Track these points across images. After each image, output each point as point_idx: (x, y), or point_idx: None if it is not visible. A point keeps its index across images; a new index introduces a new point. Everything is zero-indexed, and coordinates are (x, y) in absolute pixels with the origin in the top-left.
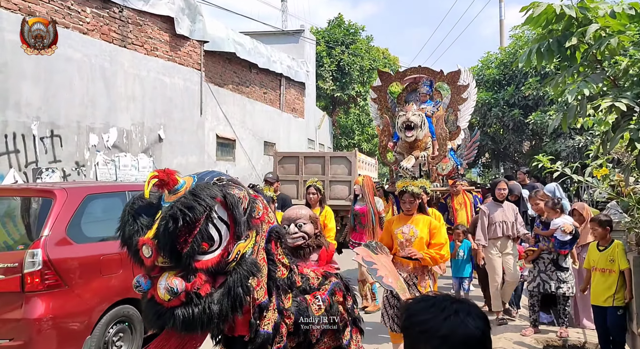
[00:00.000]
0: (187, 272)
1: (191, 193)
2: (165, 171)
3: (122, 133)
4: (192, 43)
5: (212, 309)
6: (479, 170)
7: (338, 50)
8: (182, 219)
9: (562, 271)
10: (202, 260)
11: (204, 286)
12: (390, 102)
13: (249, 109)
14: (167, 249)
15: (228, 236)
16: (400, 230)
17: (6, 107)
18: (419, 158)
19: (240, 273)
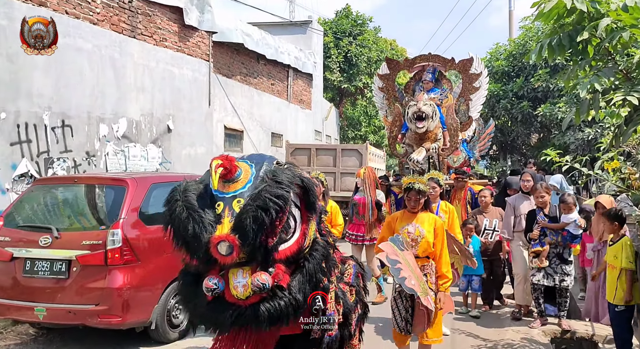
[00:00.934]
0: (265, 264)
1: (274, 180)
2: (228, 158)
3: (132, 124)
4: (201, 34)
5: (298, 299)
6: (486, 163)
7: (345, 41)
8: (274, 209)
9: (566, 264)
10: (281, 250)
11: (284, 277)
12: (398, 92)
13: (256, 100)
14: (253, 243)
15: (301, 221)
16: (406, 229)
17: (18, 97)
18: (430, 150)
19: (317, 258)
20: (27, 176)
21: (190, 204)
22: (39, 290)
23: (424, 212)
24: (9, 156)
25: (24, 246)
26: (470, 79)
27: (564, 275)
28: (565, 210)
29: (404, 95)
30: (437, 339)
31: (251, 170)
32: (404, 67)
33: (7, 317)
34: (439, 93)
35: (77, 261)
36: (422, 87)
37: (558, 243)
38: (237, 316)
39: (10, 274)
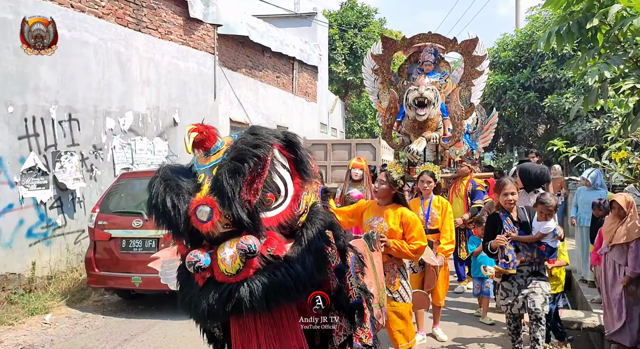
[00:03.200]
0: (254, 230)
1: (250, 132)
2: (205, 126)
3: (138, 117)
4: (206, 26)
5: (296, 268)
6: (492, 154)
7: (351, 33)
8: (250, 159)
9: (544, 280)
10: (272, 216)
11: (278, 246)
12: (393, 75)
13: (262, 93)
14: (233, 202)
15: (292, 184)
16: (369, 223)
17: (26, 91)
18: (431, 140)
19: (317, 223)
20: (35, 170)
21: (167, 176)
22: (134, 263)
23: (393, 205)
24: (17, 150)
25: (119, 228)
26: (473, 62)
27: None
28: (543, 215)
29: (398, 78)
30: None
31: (233, 139)
32: (401, 47)
33: (108, 286)
34: (439, 77)
35: (164, 239)
36: (422, 69)
37: (534, 259)
38: (227, 297)
39: (110, 251)
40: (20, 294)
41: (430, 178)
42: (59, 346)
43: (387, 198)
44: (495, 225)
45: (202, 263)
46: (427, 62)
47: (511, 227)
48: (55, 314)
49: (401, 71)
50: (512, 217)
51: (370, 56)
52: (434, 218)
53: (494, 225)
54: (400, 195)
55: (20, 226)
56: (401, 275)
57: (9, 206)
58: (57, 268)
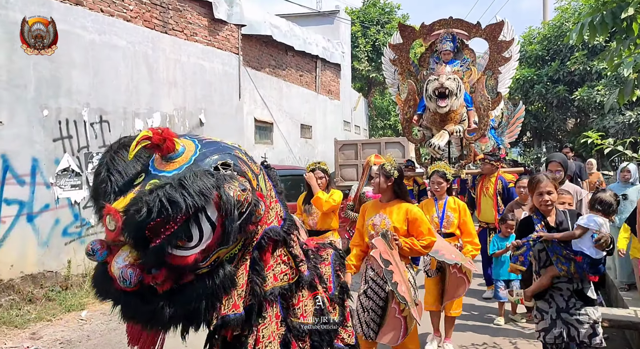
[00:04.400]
0: (148, 262)
1: (180, 183)
2: (163, 133)
3: (165, 118)
4: (230, 27)
5: (164, 312)
6: (519, 150)
7: (373, 30)
8: (159, 213)
9: (592, 303)
10: (172, 254)
11: (165, 284)
12: (413, 65)
13: (285, 92)
14: (132, 235)
15: (210, 239)
16: (372, 221)
17: (59, 94)
18: (454, 133)
19: (210, 286)
20: (69, 171)
21: (111, 161)
22: None
23: (396, 201)
24: (52, 151)
25: None
26: (499, 48)
27: (594, 325)
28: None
29: (418, 68)
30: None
31: (195, 150)
32: (420, 34)
33: None
34: (460, 65)
35: None
36: (440, 58)
37: (572, 274)
38: (105, 290)
39: None
40: (57, 292)
41: (441, 179)
42: (95, 342)
43: (387, 194)
44: (527, 231)
45: (96, 258)
46: (445, 51)
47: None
48: (90, 310)
49: (422, 61)
50: (548, 222)
51: (388, 46)
52: (449, 220)
53: (524, 232)
54: (401, 189)
55: (56, 226)
56: (410, 274)
57: (45, 207)
58: (91, 266)
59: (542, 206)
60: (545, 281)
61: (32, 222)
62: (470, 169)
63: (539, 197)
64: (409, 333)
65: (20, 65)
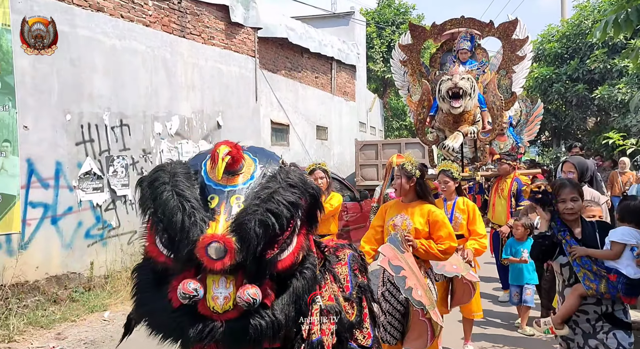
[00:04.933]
0: (256, 277)
1: (289, 183)
2: (237, 146)
3: (184, 121)
4: (247, 30)
5: (280, 320)
6: (538, 149)
7: (388, 30)
8: (285, 217)
9: (623, 328)
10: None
11: (271, 295)
12: (423, 66)
13: (301, 94)
14: (253, 251)
15: (299, 233)
16: (392, 222)
17: (81, 99)
18: (468, 134)
19: (307, 277)
20: (90, 174)
21: (182, 191)
22: None
23: (418, 202)
24: (75, 155)
25: None
26: (513, 47)
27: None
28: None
29: (429, 69)
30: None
31: (254, 165)
32: (431, 34)
33: None
34: (477, 67)
35: None
36: (457, 57)
37: (602, 295)
38: (209, 332)
39: None
40: (80, 293)
41: (448, 178)
42: (118, 342)
43: (409, 195)
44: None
45: (199, 296)
46: (463, 50)
47: (572, 242)
48: (112, 311)
49: (433, 61)
50: (573, 233)
51: (398, 47)
52: (458, 222)
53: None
54: (423, 189)
55: (79, 228)
56: (429, 278)
57: (68, 209)
58: (113, 267)
59: (565, 215)
60: (574, 302)
61: (56, 225)
62: (485, 170)
63: (561, 205)
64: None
65: (44, 71)
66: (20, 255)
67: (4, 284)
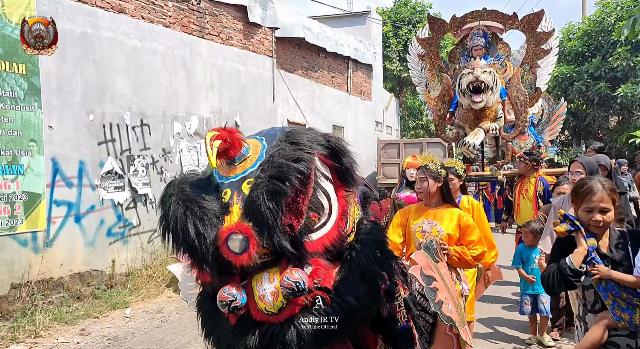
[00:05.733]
0: (297, 260)
1: (289, 140)
2: (227, 129)
3: (203, 121)
4: (264, 30)
5: (350, 303)
6: (557, 149)
7: (405, 29)
8: (292, 176)
9: None
10: (316, 239)
11: (327, 275)
12: (442, 61)
13: (317, 94)
14: (274, 230)
15: (336, 198)
16: (420, 228)
17: (103, 99)
18: (490, 131)
19: (368, 244)
20: (112, 174)
21: (187, 195)
22: None
23: (444, 206)
24: (97, 154)
25: None
26: (538, 40)
27: None
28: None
29: (448, 65)
30: None
31: (261, 144)
32: (451, 27)
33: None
34: (493, 62)
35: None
36: (471, 54)
37: (637, 327)
38: (270, 338)
39: None
40: (102, 290)
41: (453, 176)
42: (139, 339)
43: (435, 198)
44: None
45: (239, 302)
46: (477, 46)
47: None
48: (134, 308)
49: (452, 56)
50: (599, 247)
51: (416, 40)
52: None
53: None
54: (448, 191)
55: (101, 226)
56: (460, 283)
57: (91, 208)
58: (133, 265)
59: (591, 227)
60: (601, 334)
61: (79, 223)
62: (506, 170)
63: (587, 214)
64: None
65: (68, 72)
66: (45, 252)
67: (30, 280)
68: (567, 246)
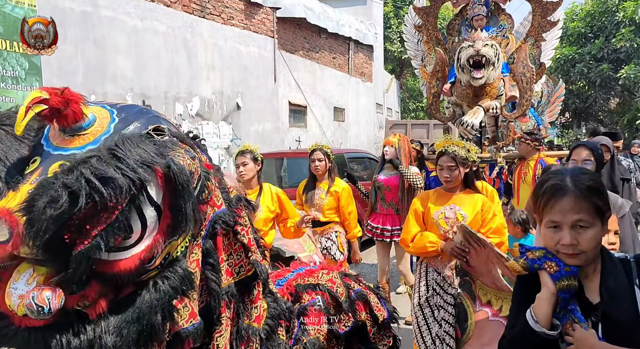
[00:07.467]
0: (72, 277)
1: (113, 154)
2: (65, 93)
3: (204, 102)
4: (265, 10)
5: (105, 342)
6: (557, 131)
7: (406, 10)
8: (88, 198)
9: None
10: (108, 261)
11: (97, 304)
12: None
13: (319, 75)
14: (44, 240)
15: (157, 227)
16: (442, 214)
17: (105, 79)
18: (490, 109)
19: (164, 290)
20: None
21: None
22: None
23: (466, 191)
24: None
25: None
26: (544, 11)
27: None
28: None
29: (447, 38)
30: None
31: (111, 118)
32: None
33: None
34: (495, 33)
35: None
36: (471, 25)
37: None
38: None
39: None
40: None
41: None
42: None
43: (457, 182)
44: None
45: None
46: (479, 16)
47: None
48: None
49: (450, 28)
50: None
51: (412, 10)
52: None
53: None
54: (471, 175)
55: None
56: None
57: None
58: None
59: (563, 256)
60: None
61: None
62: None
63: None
64: None
65: (68, 52)
66: None
67: None
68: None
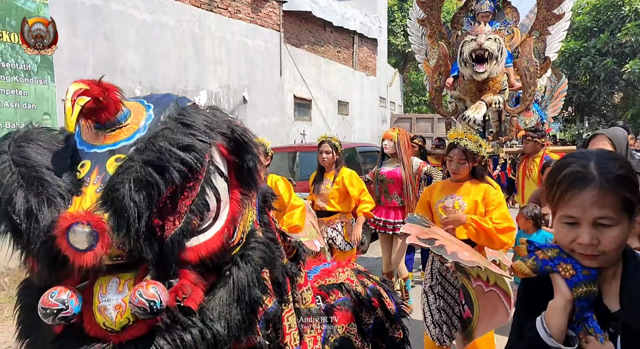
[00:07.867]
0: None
1: (180, 121)
2: (102, 85)
3: (211, 96)
4: (272, 4)
5: (217, 330)
6: (560, 125)
7: (410, 3)
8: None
9: None
10: (192, 246)
11: (194, 293)
12: (444, 27)
13: (323, 69)
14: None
15: (228, 200)
16: (442, 204)
17: (114, 73)
18: (492, 104)
19: (254, 262)
20: None
21: (24, 158)
22: None
23: (472, 182)
24: None
25: None
26: (550, 4)
27: None
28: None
29: (450, 31)
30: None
31: (147, 112)
32: None
33: None
34: (500, 28)
35: None
36: (475, 18)
37: None
38: None
39: None
40: None
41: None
42: None
43: (464, 173)
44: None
45: (71, 311)
46: (484, 12)
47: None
48: None
49: (455, 22)
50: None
51: (416, 4)
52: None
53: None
54: (479, 168)
55: None
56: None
57: None
58: None
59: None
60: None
61: None
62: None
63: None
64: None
65: (79, 46)
66: None
67: None
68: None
